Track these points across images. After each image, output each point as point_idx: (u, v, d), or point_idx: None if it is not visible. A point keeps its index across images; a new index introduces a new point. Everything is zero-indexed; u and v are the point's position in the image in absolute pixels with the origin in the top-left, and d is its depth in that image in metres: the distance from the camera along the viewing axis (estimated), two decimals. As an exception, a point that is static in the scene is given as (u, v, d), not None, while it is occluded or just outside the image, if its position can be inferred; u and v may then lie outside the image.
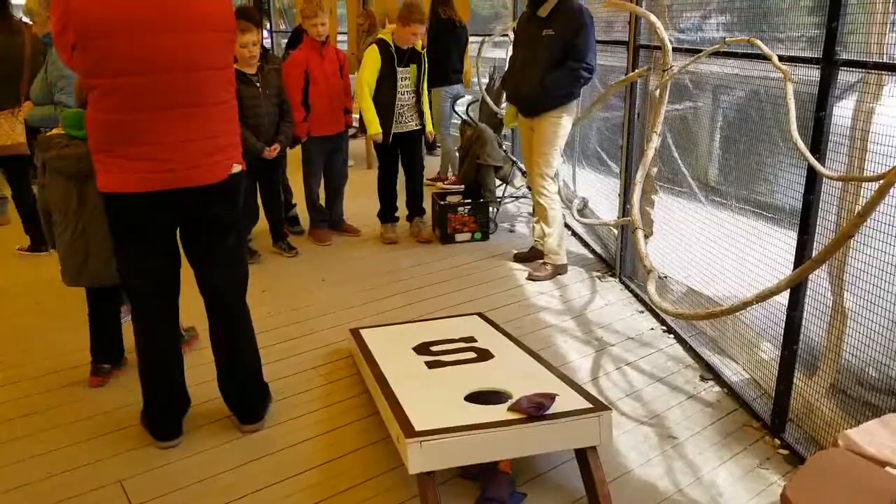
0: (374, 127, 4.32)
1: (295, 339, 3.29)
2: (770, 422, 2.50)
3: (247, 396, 2.59)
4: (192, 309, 2.61)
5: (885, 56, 2.02)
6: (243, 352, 2.56)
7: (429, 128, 4.60)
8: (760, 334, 2.77)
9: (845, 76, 2.13)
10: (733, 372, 2.87)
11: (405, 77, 4.36)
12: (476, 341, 2.82)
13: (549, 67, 3.68)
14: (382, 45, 4.27)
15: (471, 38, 6.51)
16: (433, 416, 2.13)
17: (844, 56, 2.09)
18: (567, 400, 2.20)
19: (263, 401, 2.65)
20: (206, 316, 2.51)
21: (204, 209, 2.33)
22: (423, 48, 4.42)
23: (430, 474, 2.02)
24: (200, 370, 2.78)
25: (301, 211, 4.87)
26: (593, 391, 2.75)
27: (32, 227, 4.41)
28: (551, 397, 2.14)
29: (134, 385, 2.54)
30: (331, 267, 4.27)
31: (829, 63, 2.12)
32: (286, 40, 8.40)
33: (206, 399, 2.69)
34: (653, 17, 3.18)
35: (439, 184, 5.95)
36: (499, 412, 2.15)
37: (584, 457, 2.14)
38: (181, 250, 2.43)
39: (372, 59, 4.27)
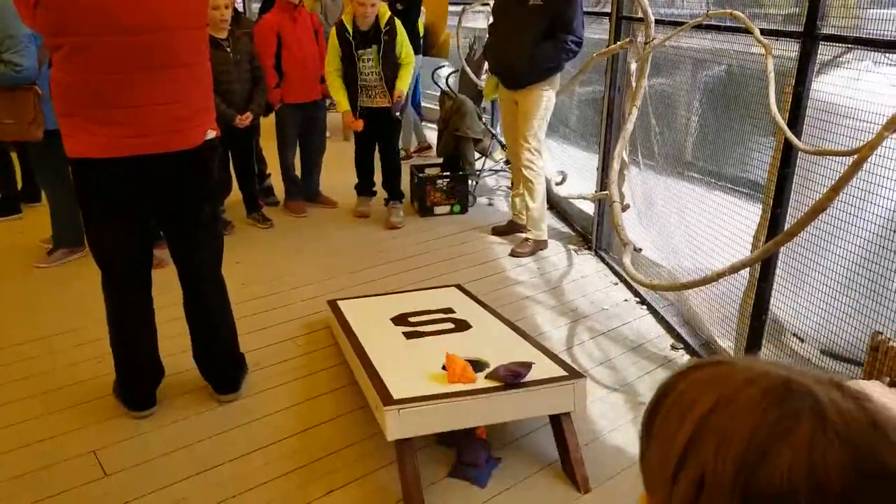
0: (342, 106, 4.24)
1: (270, 310, 3.27)
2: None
3: (223, 366, 2.57)
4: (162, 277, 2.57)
5: (861, 31, 2.04)
6: (219, 323, 2.54)
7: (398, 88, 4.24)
8: (730, 305, 2.82)
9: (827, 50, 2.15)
10: (704, 339, 2.92)
11: (368, 59, 4.21)
12: (454, 312, 2.83)
13: (537, 39, 3.59)
14: (339, 28, 4.17)
15: (450, 8, 6.43)
16: (411, 384, 2.14)
17: (825, 31, 2.11)
18: (542, 368, 2.22)
19: (240, 370, 2.63)
20: (181, 287, 2.47)
21: (177, 176, 2.26)
22: (385, 26, 4.14)
23: (408, 441, 2.04)
24: (176, 340, 2.75)
25: (276, 182, 4.81)
26: (568, 360, 2.77)
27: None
28: (527, 366, 2.16)
29: (106, 356, 2.50)
30: (307, 239, 4.23)
31: (809, 37, 2.14)
32: (259, 4, 8.18)
33: (180, 370, 2.66)
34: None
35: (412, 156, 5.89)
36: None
37: (558, 423, 2.18)
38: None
39: (331, 44, 4.21)
